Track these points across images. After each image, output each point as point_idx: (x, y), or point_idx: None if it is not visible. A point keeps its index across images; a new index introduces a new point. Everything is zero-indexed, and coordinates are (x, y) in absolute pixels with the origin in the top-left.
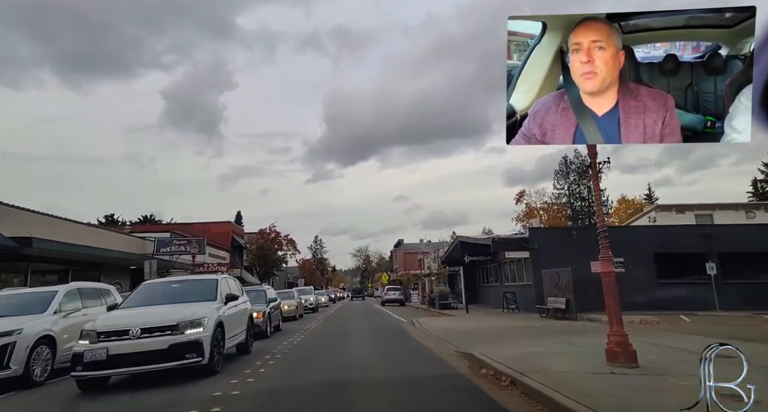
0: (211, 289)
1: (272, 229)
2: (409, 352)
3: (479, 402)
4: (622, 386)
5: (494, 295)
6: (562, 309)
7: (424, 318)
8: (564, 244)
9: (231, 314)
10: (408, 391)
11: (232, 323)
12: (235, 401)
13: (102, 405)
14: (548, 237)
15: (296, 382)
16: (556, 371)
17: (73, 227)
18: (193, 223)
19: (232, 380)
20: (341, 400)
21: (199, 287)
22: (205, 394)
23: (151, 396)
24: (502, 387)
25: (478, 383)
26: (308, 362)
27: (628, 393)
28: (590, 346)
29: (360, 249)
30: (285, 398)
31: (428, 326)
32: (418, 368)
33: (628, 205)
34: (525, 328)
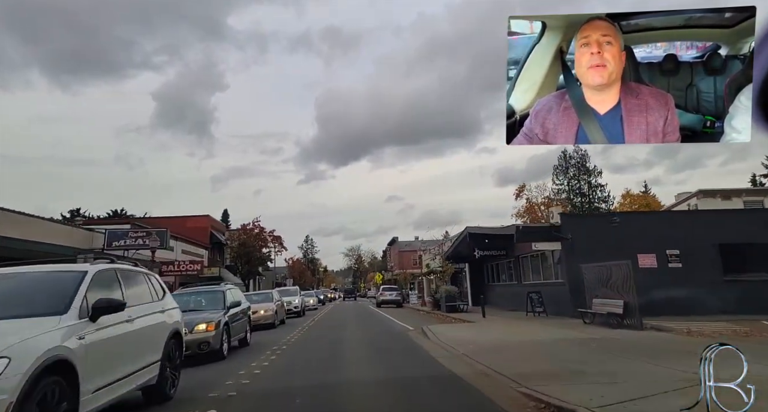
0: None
1: (256, 224)
2: (441, 393)
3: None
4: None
5: (509, 295)
6: (619, 314)
7: (436, 325)
8: (602, 233)
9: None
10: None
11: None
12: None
13: None
14: (583, 225)
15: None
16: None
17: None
18: (167, 217)
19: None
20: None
21: None
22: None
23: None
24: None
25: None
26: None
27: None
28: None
29: (352, 248)
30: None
31: (445, 337)
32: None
33: (633, 200)
34: (576, 341)
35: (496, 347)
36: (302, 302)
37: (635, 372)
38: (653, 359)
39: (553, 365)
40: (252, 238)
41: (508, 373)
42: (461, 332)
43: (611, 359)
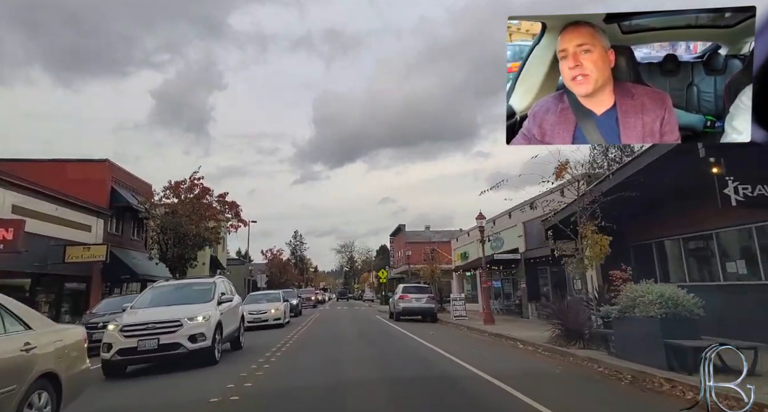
0: None
1: (195, 181)
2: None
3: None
4: None
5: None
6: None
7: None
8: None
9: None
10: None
11: None
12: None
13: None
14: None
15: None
16: None
17: None
18: (39, 160)
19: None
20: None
21: None
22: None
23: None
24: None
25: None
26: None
27: None
28: None
29: (345, 245)
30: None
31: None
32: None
33: None
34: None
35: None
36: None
37: None
38: None
39: None
40: (188, 203)
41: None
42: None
43: None
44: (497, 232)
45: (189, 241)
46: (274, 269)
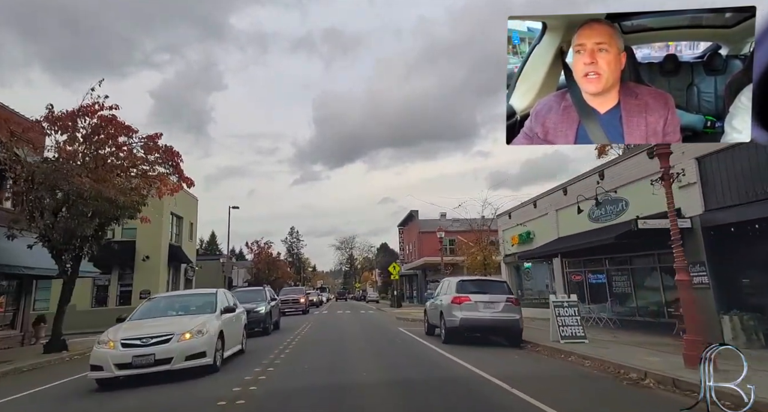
0: None
1: (97, 106)
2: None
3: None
4: None
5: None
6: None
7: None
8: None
9: None
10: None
11: None
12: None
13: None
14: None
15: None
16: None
17: None
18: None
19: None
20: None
21: None
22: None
23: None
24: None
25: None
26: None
27: None
28: None
29: (345, 241)
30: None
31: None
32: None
33: None
34: None
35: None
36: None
37: None
38: None
39: None
40: (94, 143)
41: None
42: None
43: None
44: (611, 189)
45: (85, 207)
46: (261, 265)
